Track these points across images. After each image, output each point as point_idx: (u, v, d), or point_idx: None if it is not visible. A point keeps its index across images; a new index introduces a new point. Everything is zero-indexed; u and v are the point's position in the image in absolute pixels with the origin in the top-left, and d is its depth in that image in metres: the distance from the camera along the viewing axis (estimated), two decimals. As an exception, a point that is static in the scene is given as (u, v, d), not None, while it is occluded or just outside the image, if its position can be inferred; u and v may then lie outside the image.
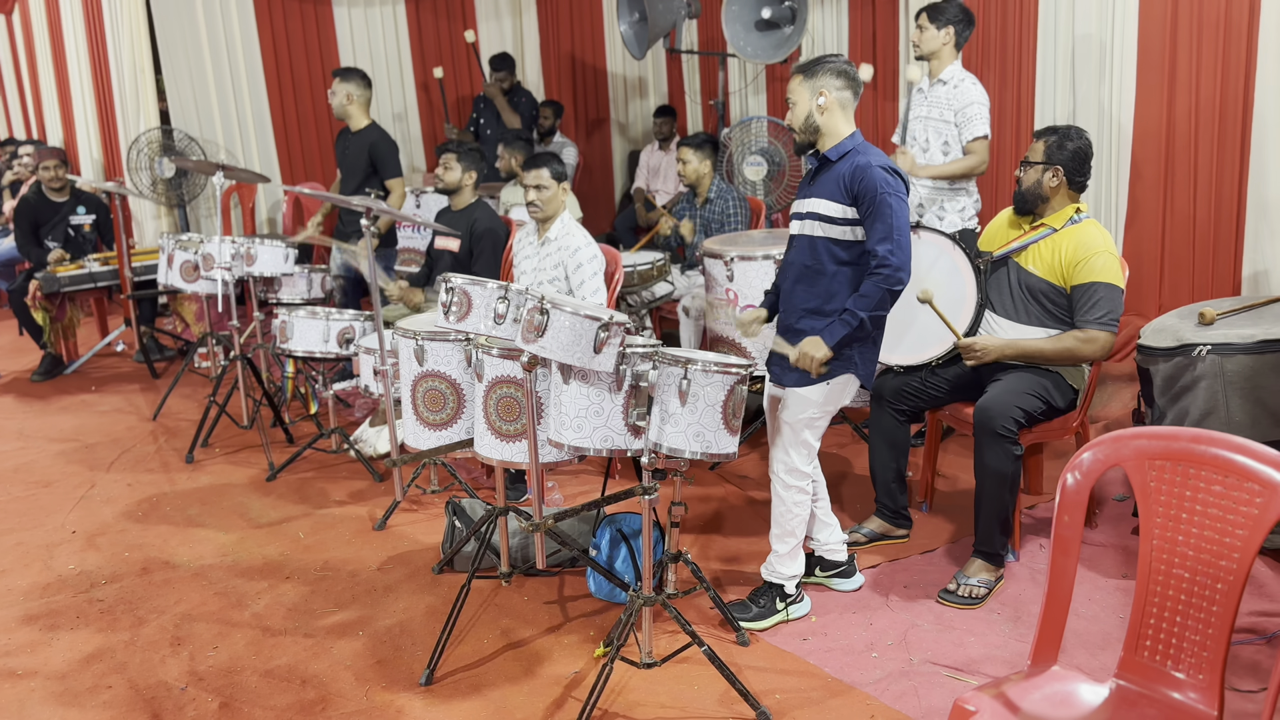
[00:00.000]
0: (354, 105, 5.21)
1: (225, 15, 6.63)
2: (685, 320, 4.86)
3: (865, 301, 2.84)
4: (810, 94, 2.92)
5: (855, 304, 2.85)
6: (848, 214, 2.89)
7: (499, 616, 3.18)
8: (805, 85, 2.93)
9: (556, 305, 2.54)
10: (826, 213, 2.91)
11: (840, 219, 2.90)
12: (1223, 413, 3.09)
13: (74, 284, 5.90)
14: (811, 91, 2.92)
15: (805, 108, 2.94)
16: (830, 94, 2.91)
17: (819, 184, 2.97)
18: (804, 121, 2.95)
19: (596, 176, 8.19)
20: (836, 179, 2.90)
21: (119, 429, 5.08)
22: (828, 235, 2.92)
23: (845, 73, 2.93)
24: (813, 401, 2.95)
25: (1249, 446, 1.89)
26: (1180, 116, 4.47)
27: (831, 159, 2.94)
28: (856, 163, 2.86)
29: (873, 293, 2.83)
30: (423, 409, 3.16)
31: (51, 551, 3.76)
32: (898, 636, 2.99)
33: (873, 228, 2.83)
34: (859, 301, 2.85)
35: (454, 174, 4.60)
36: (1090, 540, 3.47)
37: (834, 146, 2.94)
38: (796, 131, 2.99)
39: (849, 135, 2.94)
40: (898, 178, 2.85)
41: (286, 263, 4.67)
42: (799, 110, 2.96)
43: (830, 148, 2.95)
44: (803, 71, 2.94)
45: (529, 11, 7.77)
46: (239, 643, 3.09)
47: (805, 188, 3.05)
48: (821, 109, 2.92)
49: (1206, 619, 1.93)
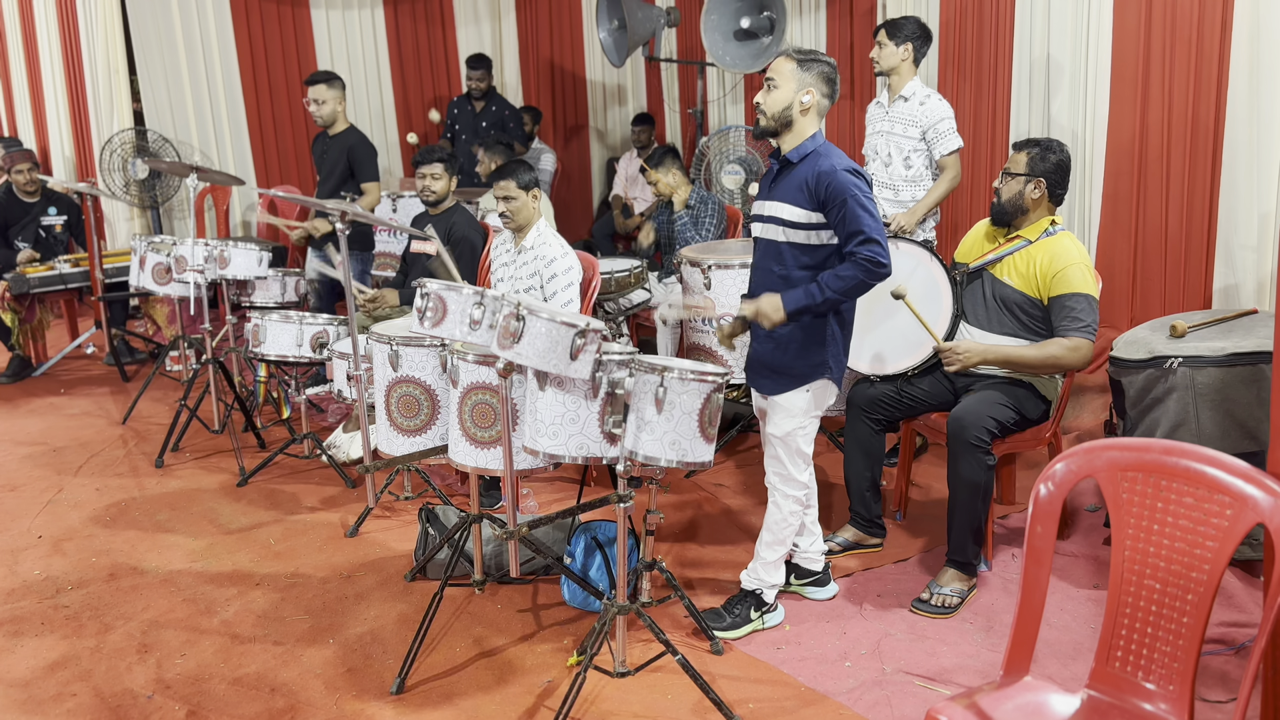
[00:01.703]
0: (340, 109, 5.19)
1: (201, 16, 6.57)
2: (662, 328, 4.86)
3: (839, 282, 2.77)
4: (798, 86, 2.85)
5: (828, 280, 2.78)
6: (811, 219, 2.85)
7: (472, 625, 3.16)
8: (796, 75, 2.85)
9: (533, 311, 2.53)
10: (789, 217, 2.88)
11: (803, 224, 2.86)
12: (1193, 424, 3.12)
13: (44, 285, 5.82)
14: (800, 84, 2.86)
15: (788, 97, 2.86)
16: (816, 95, 2.87)
17: (780, 187, 2.93)
18: (781, 110, 2.87)
19: (575, 183, 8.19)
20: (799, 183, 2.86)
21: (88, 433, 5.01)
22: (791, 240, 2.90)
23: (833, 81, 2.91)
24: (797, 409, 2.95)
25: (1219, 459, 1.91)
26: (1153, 130, 4.52)
27: (793, 160, 2.89)
28: (819, 167, 2.82)
29: (850, 275, 2.76)
30: (397, 414, 3.14)
31: (17, 556, 3.70)
32: (871, 646, 2.99)
33: (849, 232, 2.78)
34: (832, 280, 2.78)
35: (442, 183, 4.57)
36: (1062, 550, 3.49)
37: (795, 148, 2.89)
38: (766, 115, 2.89)
39: (810, 137, 2.90)
40: (860, 177, 2.82)
41: (260, 266, 4.63)
42: (779, 95, 2.86)
43: (792, 148, 2.90)
44: (799, 60, 2.86)
45: (508, 16, 7.76)
46: (207, 650, 3.05)
47: (765, 190, 3.01)
48: (804, 107, 2.87)
49: (1177, 630, 1.94)
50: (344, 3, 7.08)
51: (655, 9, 6.63)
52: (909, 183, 4.33)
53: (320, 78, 5.19)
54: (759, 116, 2.92)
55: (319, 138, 5.34)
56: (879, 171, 4.39)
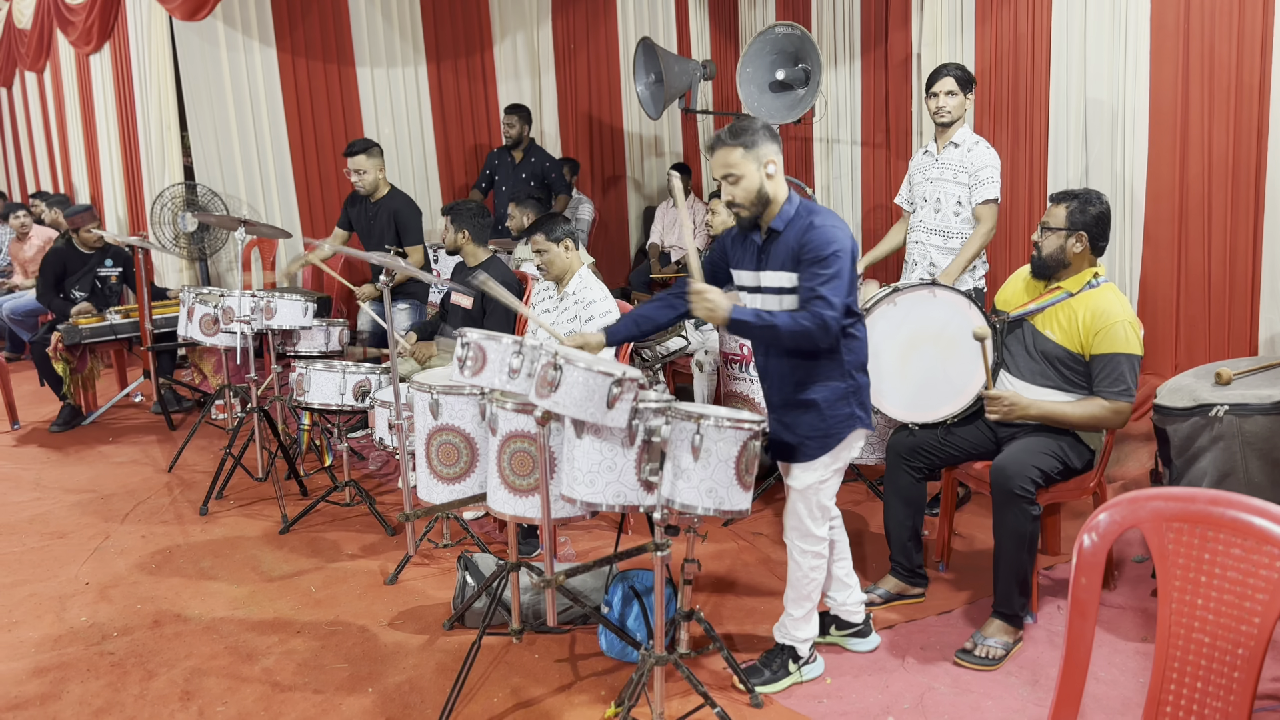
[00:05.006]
0: (381, 176, 5.32)
1: (250, 74, 6.78)
2: (699, 375, 4.87)
3: (792, 324, 2.69)
4: (757, 165, 2.79)
5: (781, 320, 2.71)
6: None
7: (509, 674, 3.15)
8: (749, 156, 2.79)
9: (570, 361, 2.55)
10: (787, 284, 2.82)
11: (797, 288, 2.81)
12: (1241, 474, 3.06)
13: (95, 336, 5.98)
14: (758, 162, 2.79)
15: (755, 180, 2.80)
16: (776, 160, 2.82)
17: (772, 256, 2.86)
18: (755, 195, 2.81)
19: (612, 232, 8.27)
20: (787, 250, 2.81)
21: (135, 480, 5.10)
22: (790, 308, 2.82)
23: (776, 134, 2.86)
24: (820, 462, 2.93)
25: (1267, 509, 1.87)
26: (1193, 177, 4.49)
27: (778, 229, 2.84)
28: (802, 224, 2.78)
29: (805, 327, 2.68)
30: (436, 463, 3.17)
31: (64, 603, 3.76)
32: (914, 699, 2.94)
33: (812, 289, 2.72)
34: (787, 319, 2.70)
35: (449, 235, 4.71)
36: (1109, 602, 3.42)
37: (778, 216, 2.84)
38: (742, 207, 2.83)
39: (788, 200, 2.85)
40: (846, 237, 2.77)
41: (305, 316, 4.72)
42: (747, 184, 2.80)
43: (774, 218, 2.84)
44: (741, 144, 2.78)
45: (548, 73, 7.92)
46: (248, 698, 3.07)
47: (752, 261, 2.93)
48: (771, 177, 2.82)
49: (1228, 685, 1.89)
50: (388, 60, 7.26)
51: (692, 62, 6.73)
52: (962, 226, 4.31)
53: (359, 148, 5.31)
54: (737, 212, 2.85)
55: (355, 199, 5.45)
56: (928, 218, 4.37)
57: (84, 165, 8.67)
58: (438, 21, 7.40)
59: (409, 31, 7.31)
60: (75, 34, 7.78)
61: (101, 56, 7.58)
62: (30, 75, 9.91)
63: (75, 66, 8.31)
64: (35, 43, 9.08)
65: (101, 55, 7.57)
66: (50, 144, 9.78)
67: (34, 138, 10.49)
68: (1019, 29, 5.18)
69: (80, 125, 8.55)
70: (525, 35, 7.79)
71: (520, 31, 7.77)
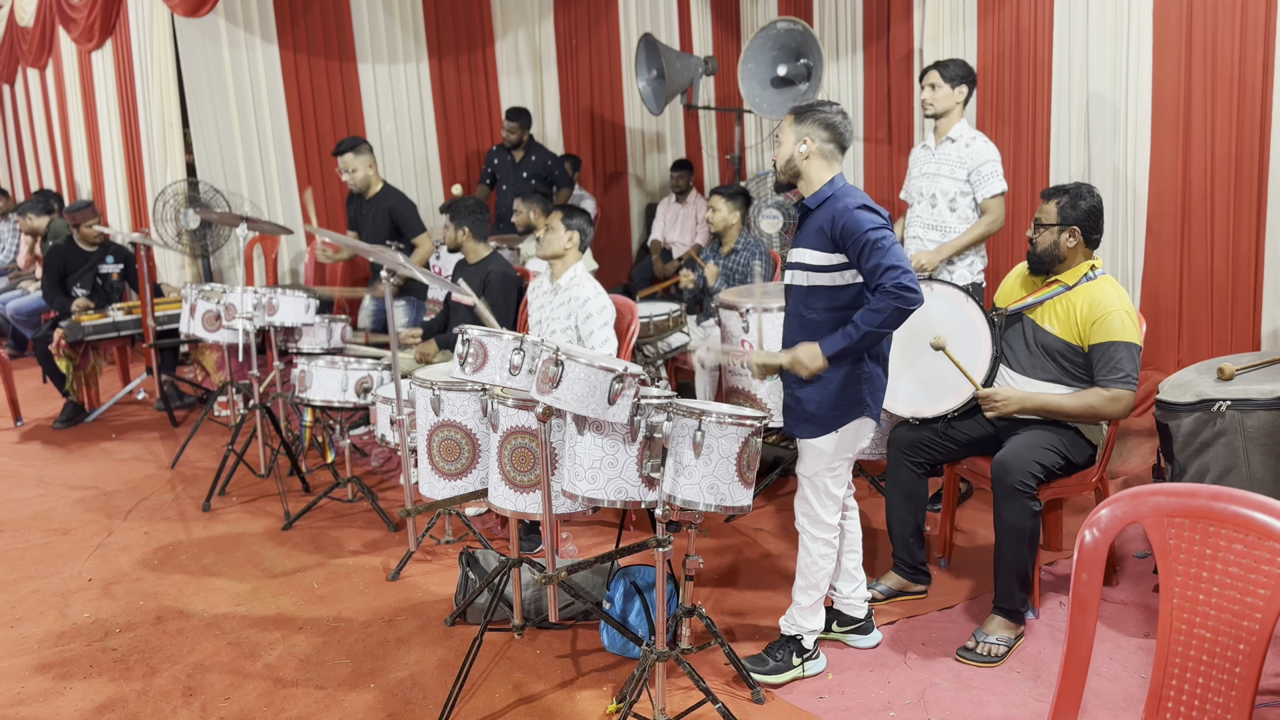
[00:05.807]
0: (372, 172, 5.31)
1: (253, 71, 6.78)
2: (700, 371, 4.87)
3: (874, 316, 2.75)
4: (795, 138, 2.96)
5: (862, 317, 2.78)
6: (833, 260, 2.87)
7: (511, 670, 3.16)
8: (793, 129, 2.97)
9: (571, 357, 2.55)
10: (813, 261, 2.91)
11: (826, 266, 2.89)
12: (1244, 469, 3.05)
13: (98, 333, 5.98)
14: (797, 136, 2.96)
15: (788, 150, 2.98)
16: (813, 143, 2.94)
17: (803, 233, 2.99)
18: (785, 163, 2.99)
19: (614, 228, 8.27)
20: (817, 227, 2.91)
21: (137, 477, 5.11)
22: (816, 284, 2.91)
23: (834, 125, 2.94)
24: (826, 452, 2.94)
25: (1269, 504, 1.87)
26: (1195, 172, 4.48)
27: (811, 207, 2.96)
28: (835, 209, 2.86)
29: (883, 307, 2.74)
30: (438, 458, 3.17)
31: (67, 599, 3.77)
32: (915, 695, 2.94)
33: (872, 265, 2.77)
34: (866, 315, 2.77)
35: (450, 233, 4.72)
36: (1111, 598, 3.42)
37: (813, 194, 2.96)
38: (776, 169, 3.05)
39: (828, 182, 2.95)
40: (876, 213, 2.83)
41: (307, 313, 4.72)
42: (781, 151, 3.01)
43: (810, 195, 2.98)
44: (795, 114, 2.98)
45: (549, 69, 7.91)
46: (251, 694, 3.08)
47: (795, 238, 3.08)
48: (805, 156, 2.95)
49: (1229, 680, 1.89)
50: (390, 57, 7.26)
51: (693, 58, 6.73)
52: (958, 223, 4.30)
53: (345, 146, 5.30)
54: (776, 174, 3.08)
55: (353, 199, 5.46)
56: (924, 213, 4.37)
57: (86, 162, 8.67)
58: (439, 18, 7.40)
59: (410, 28, 7.31)
60: (77, 31, 7.79)
61: (103, 53, 7.58)
62: (32, 72, 9.92)
63: (77, 63, 8.31)
64: (37, 40, 9.09)
65: (103, 52, 7.57)
66: (52, 141, 9.79)
67: (36, 135, 10.50)
68: (1021, 23, 5.17)
69: (82, 122, 8.56)
70: (527, 31, 7.78)
71: (522, 28, 7.76)
